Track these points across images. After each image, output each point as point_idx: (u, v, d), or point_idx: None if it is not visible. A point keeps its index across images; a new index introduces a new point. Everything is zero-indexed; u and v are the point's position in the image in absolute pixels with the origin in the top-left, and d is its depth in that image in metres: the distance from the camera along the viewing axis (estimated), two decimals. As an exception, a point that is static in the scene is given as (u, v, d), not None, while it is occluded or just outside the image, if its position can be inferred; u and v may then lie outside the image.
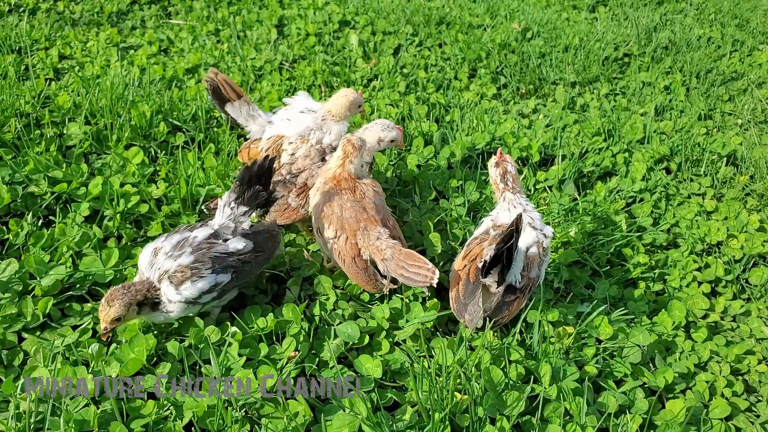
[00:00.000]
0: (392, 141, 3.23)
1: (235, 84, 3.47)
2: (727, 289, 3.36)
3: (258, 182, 2.68)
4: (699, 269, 3.43)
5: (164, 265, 2.53)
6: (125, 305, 2.39)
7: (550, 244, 2.87)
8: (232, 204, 2.68)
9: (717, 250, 3.62)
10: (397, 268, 2.69)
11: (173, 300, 2.50)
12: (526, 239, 2.75)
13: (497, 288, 2.64)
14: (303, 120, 3.40)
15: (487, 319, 2.61)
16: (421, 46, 5.53)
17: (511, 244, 2.42)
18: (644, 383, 2.67)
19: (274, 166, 2.80)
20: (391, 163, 3.85)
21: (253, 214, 2.83)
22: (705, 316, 3.19)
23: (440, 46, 5.61)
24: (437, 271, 2.62)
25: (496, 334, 2.77)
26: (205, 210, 3.16)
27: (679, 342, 2.96)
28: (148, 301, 2.47)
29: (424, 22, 5.85)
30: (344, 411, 2.25)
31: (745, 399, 2.75)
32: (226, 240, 2.64)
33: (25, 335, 2.57)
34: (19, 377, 2.38)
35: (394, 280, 2.80)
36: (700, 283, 3.35)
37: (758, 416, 2.69)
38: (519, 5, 6.58)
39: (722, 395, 2.74)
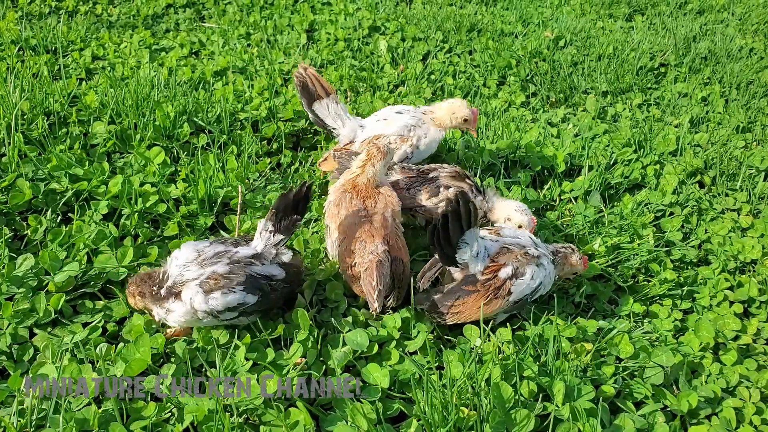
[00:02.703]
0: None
1: (324, 80, 3.31)
2: (761, 310, 3.19)
3: (295, 210, 2.56)
4: (731, 288, 3.27)
5: (195, 269, 2.50)
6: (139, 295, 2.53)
7: (541, 271, 2.74)
8: (271, 229, 2.58)
9: (751, 268, 3.45)
10: (368, 281, 2.61)
11: (198, 308, 2.44)
12: (516, 238, 2.78)
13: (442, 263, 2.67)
14: (401, 117, 3.29)
15: (438, 303, 2.67)
16: (451, 53, 5.47)
17: (447, 218, 2.45)
18: (666, 406, 2.54)
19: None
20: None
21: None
22: (736, 338, 3.03)
23: (470, 53, 5.54)
24: (378, 302, 2.58)
25: (509, 346, 2.67)
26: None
27: (706, 364, 2.81)
28: (151, 291, 2.49)
29: (455, 28, 5.78)
30: (346, 423, 2.19)
31: (776, 428, 2.58)
32: (263, 263, 2.59)
33: (36, 331, 2.58)
34: (28, 372, 2.40)
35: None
36: (731, 303, 3.19)
37: (789, 447, 2.53)
38: (553, 13, 6.46)
39: (750, 423, 2.58)
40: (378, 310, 2.60)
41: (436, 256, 2.70)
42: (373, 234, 2.71)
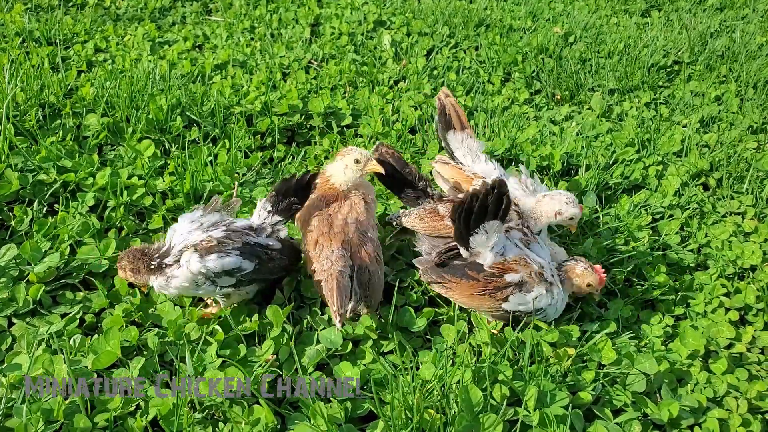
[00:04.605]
0: (571, 219, 2.87)
1: (462, 113, 3.19)
2: (758, 318, 3.07)
3: (294, 195, 2.67)
4: (727, 294, 3.15)
5: (198, 234, 2.53)
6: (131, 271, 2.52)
7: (547, 298, 2.65)
8: (269, 209, 2.69)
9: (750, 274, 3.33)
10: (329, 295, 2.54)
11: (193, 270, 2.43)
12: (540, 257, 2.70)
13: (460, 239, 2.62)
14: (526, 199, 2.96)
15: (436, 270, 2.67)
16: (456, 48, 5.39)
17: (475, 199, 2.46)
18: (646, 415, 2.46)
19: (315, 182, 2.78)
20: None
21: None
22: (729, 346, 2.92)
23: (476, 48, 5.45)
24: (339, 320, 2.50)
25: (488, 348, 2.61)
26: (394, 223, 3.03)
27: (694, 373, 2.71)
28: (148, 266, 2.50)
29: (463, 23, 5.70)
30: (309, 421, 2.16)
31: (762, 441, 2.48)
32: (260, 235, 2.65)
33: (15, 320, 2.61)
34: (3, 361, 2.42)
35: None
36: (727, 310, 3.08)
37: (775, 461, 2.43)
38: (564, 8, 6.33)
39: (735, 435, 2.49)
40: (340, 325, 2.52)
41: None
42: (331, 239, 2.64)
